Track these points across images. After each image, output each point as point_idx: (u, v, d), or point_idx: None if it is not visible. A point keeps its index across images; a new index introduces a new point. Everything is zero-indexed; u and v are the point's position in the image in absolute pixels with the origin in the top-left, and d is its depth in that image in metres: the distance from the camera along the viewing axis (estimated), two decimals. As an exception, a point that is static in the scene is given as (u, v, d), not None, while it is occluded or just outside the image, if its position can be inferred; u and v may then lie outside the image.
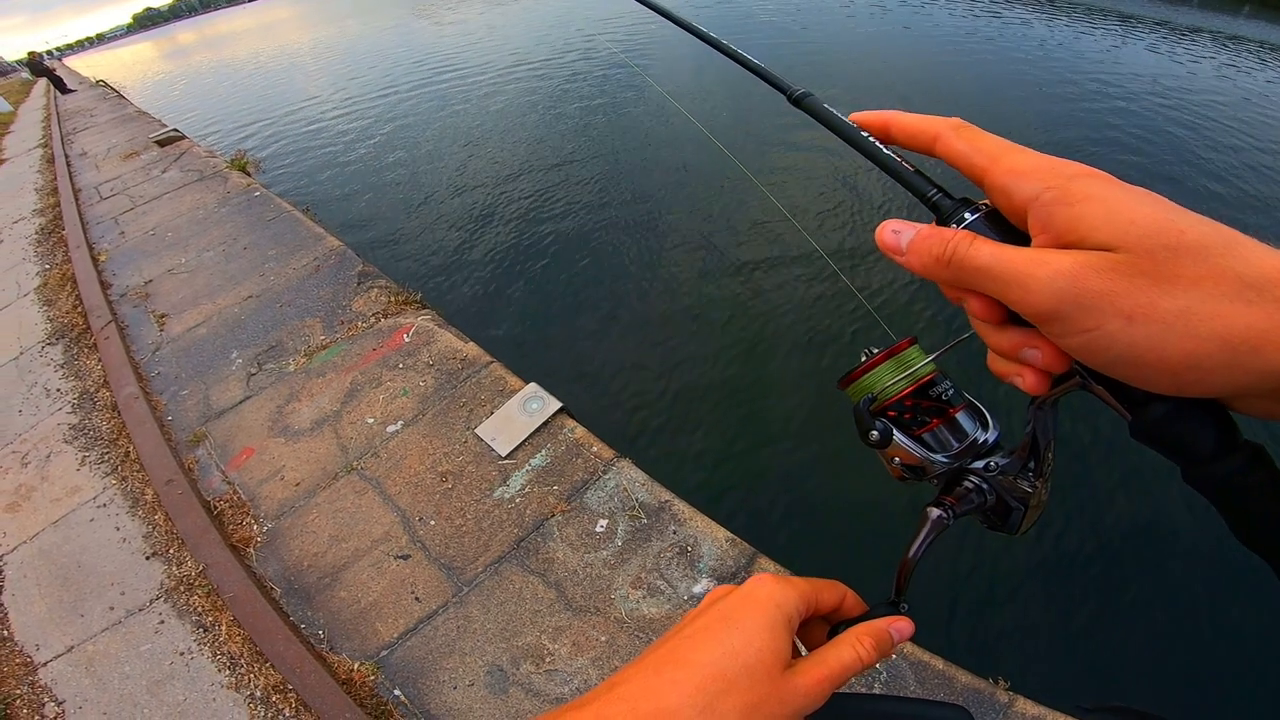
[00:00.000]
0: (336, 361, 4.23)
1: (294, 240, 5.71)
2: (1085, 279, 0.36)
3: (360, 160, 9.06)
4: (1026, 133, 9.00)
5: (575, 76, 11.98)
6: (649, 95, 10.98)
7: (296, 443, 3.75)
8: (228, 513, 3.38)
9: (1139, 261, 0.35)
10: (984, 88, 11.03)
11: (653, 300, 6.03)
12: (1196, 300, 0.33)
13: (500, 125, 9.83)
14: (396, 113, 10.73)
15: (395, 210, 7.78)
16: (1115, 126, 9.04)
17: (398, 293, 4.70)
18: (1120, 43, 13.72)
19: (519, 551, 3.03)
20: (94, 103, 16.48)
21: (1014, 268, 0.39)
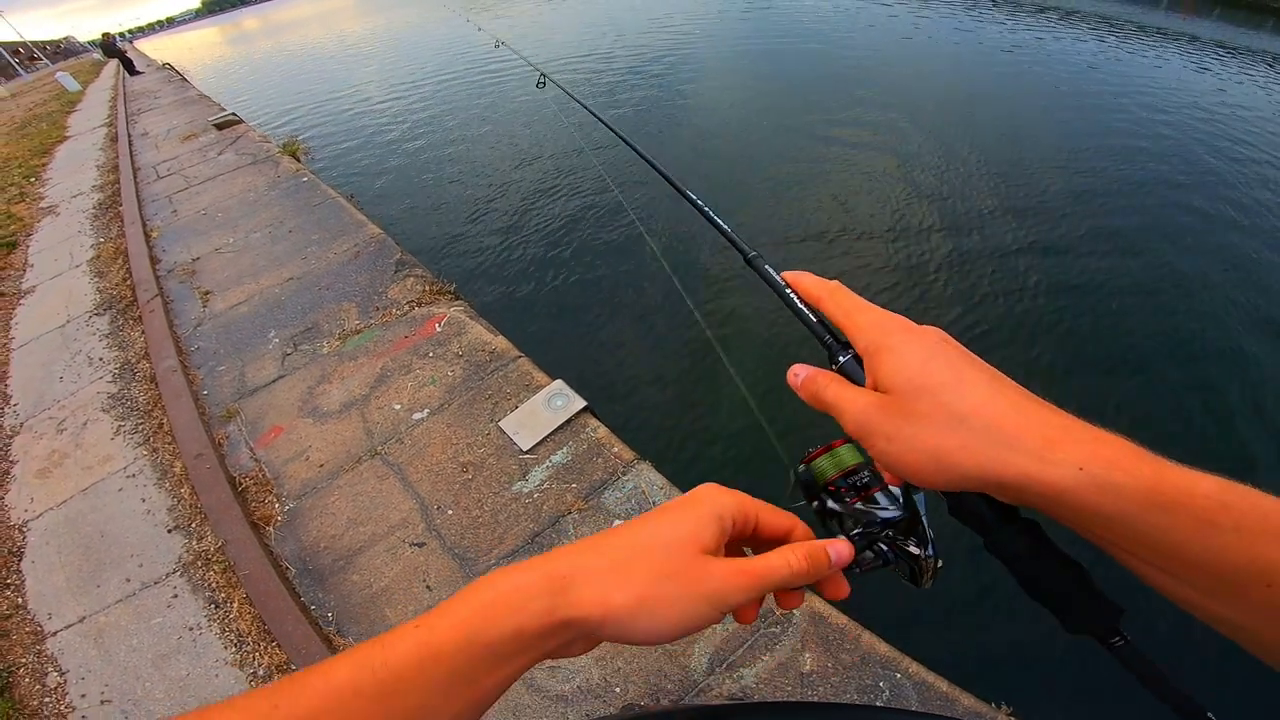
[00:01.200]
0: (369, 346, 4.26)
1: (337, 226, 5.78)
2: (868, 413, 0.54)
3: (406, 151, 9.15)
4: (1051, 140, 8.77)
5: (628, 78, 12.00)
6: (704, 101, 10.95)
7: (324, 424, 3.78)
8: (252, 490, 3.41)
9: (898, 401, 0.52)
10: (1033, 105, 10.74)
11: (686, 312, 5.98)
12: (921, 428, 0.50)
13: (548, 125, 9.85)
14: (444, 106, 10.81)
15: (436, 202, 7.84)
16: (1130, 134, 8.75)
17: (432, 283, 4.72)
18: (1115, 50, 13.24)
19: (533, 546, 3.01)
20: (159, 85, 16.92)
21: (840, 403, 0.56)
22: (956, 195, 7.66)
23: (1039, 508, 0.48)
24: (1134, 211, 7.26)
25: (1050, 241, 6.68)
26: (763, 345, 5.47)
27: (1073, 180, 7.90)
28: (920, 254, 6.55)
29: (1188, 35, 16.42)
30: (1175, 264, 6.34)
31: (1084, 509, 0.44)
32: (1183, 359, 5.24)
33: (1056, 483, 0.44)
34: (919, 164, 8.52)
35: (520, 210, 7.64)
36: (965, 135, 9.19)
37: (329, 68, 13.64)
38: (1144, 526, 0.43)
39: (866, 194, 7.85)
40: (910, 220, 7.14)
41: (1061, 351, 5.37)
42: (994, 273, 6.24)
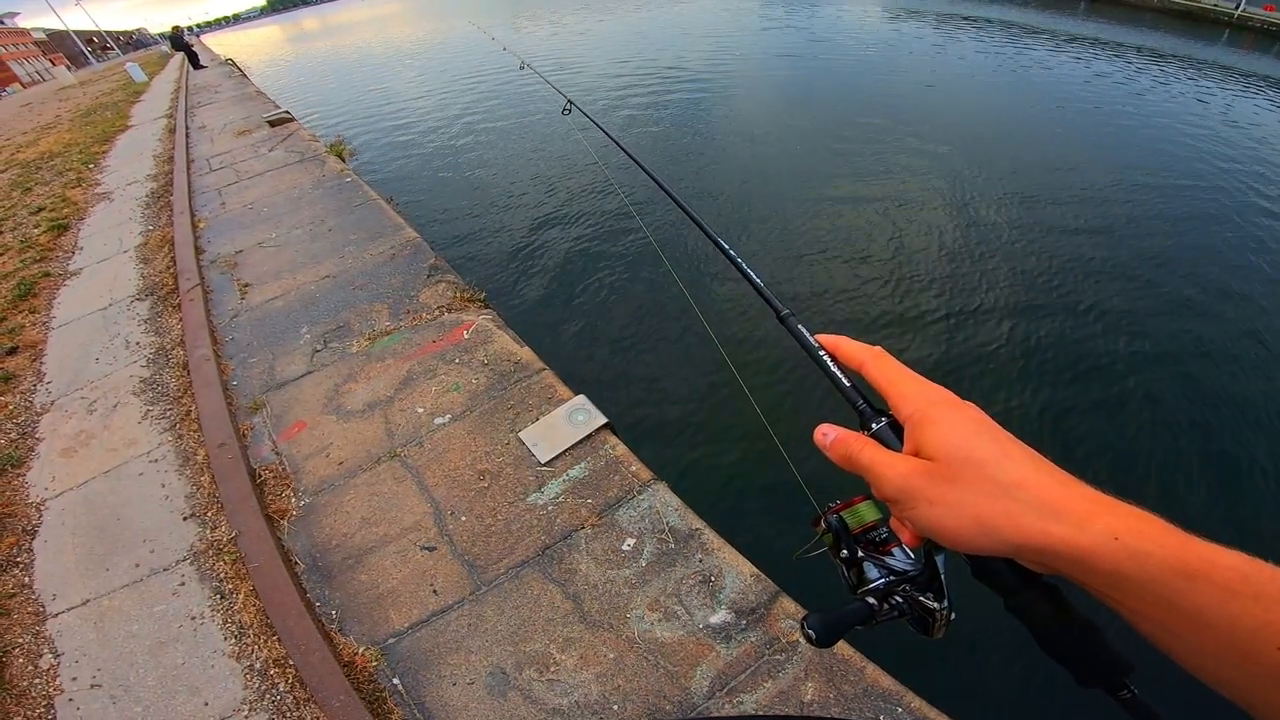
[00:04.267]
0: (397, 349, 4.29)
1: (375, 227, 5.86)
2: (909, 478, 0.57)
3: (448, 157, 9.27)
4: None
5: (687, 96, 12.06)
6: (757, 131, 10.99)
7: (347, 423, 3.80)
8: (270, 482, 3.44)
9: (943, 469, 0.55)
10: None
11: (710, 343, 5.96)
12: (968, 495, 0.54)
13: (576, 151, 9.91)
14: (488, 115, 10.92)
15: (474, 210, 7.92)
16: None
17: (463, 289, 4.75)
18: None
19: (543, 559, 2.99)
20: (220, 80, 17.38)
21: (877, 468, 0.59)
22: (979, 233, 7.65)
23: (1071, 574, 0.51)
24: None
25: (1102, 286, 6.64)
26: (787, 383, 5.43)
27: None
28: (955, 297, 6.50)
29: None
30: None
31: (1116, 574, 0.48)
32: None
33: (1093, 549, 0.49)
34: (948, 199, 8.52)
35: (551, 231, 7.69)
36: (1002, 166, 9.25)
37: (377, 73, 13.86)
38: (1168, 592, 0.46)
39: (889, 228, 7.87)
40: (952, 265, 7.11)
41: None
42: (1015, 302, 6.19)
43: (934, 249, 7.50)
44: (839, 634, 0.62)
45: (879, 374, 0.64)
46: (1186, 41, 21.64)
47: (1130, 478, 4.66)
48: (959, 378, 5.54)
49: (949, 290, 6.67)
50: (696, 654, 2.73)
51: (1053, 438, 5.00)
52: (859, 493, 0.69)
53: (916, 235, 7.84)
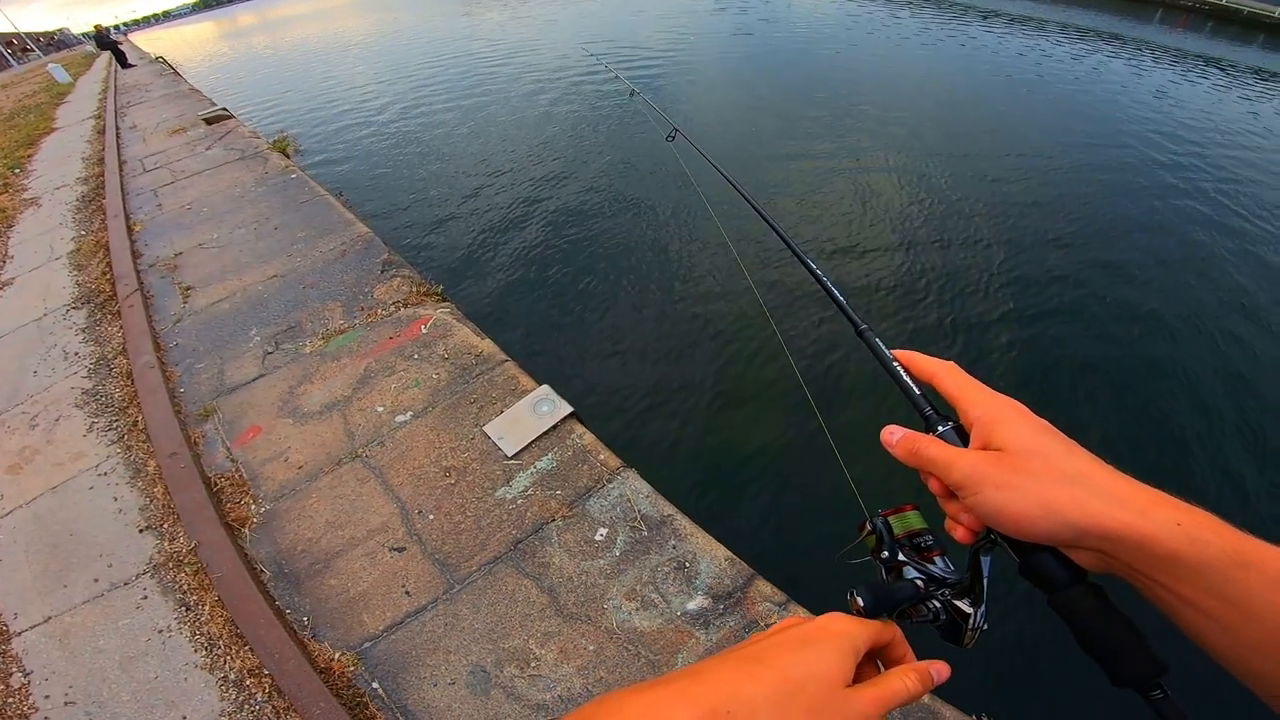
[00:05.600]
0: (353, 347, 4.19)
1: (324, 224, 5.71)
2: (979, 465, 0.61)
3: (397, 151, 9.08)
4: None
5: (621, 89, 12.02)
6: (692, 127, 11.03)
7: (304, 425, 3.71)
8: (227, 490, 3.34)
9: (1012, 458, 0.59)
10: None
11: (674, 319, 6.00)
12: (1035, 481, 0.57)
13: (540, 130, 9.81)
14: (437, 108, 10.74)
15: (426, 203, 7.77)
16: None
17: (419, 284, 4.66)
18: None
19: (516, 553, 2.96)
20: (150, 78, 16.78)
21: (948, 458, 0.63)
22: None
23: (1130, 559, 0.54)
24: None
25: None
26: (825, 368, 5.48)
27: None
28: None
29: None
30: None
31: (1175, 558, 0.51)
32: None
33: (1156, 533, 0.52)
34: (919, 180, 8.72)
35: (506, 220, 7.59)
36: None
37: (322, 66, 13.51)
38: (1219, 580, 0.50)
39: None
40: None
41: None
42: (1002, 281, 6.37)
43: (883, 211, 7.92)
44: (886, 608, 0.63)
45: (951, 384, 0.69)
46: (1123, 21, 22.30)
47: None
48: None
49: (896, 253, 7.02)
50: (676, 641, 2.73)
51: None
52: (908, 501, 0.73)
53: (868, 197, 8.23)
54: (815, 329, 5.62)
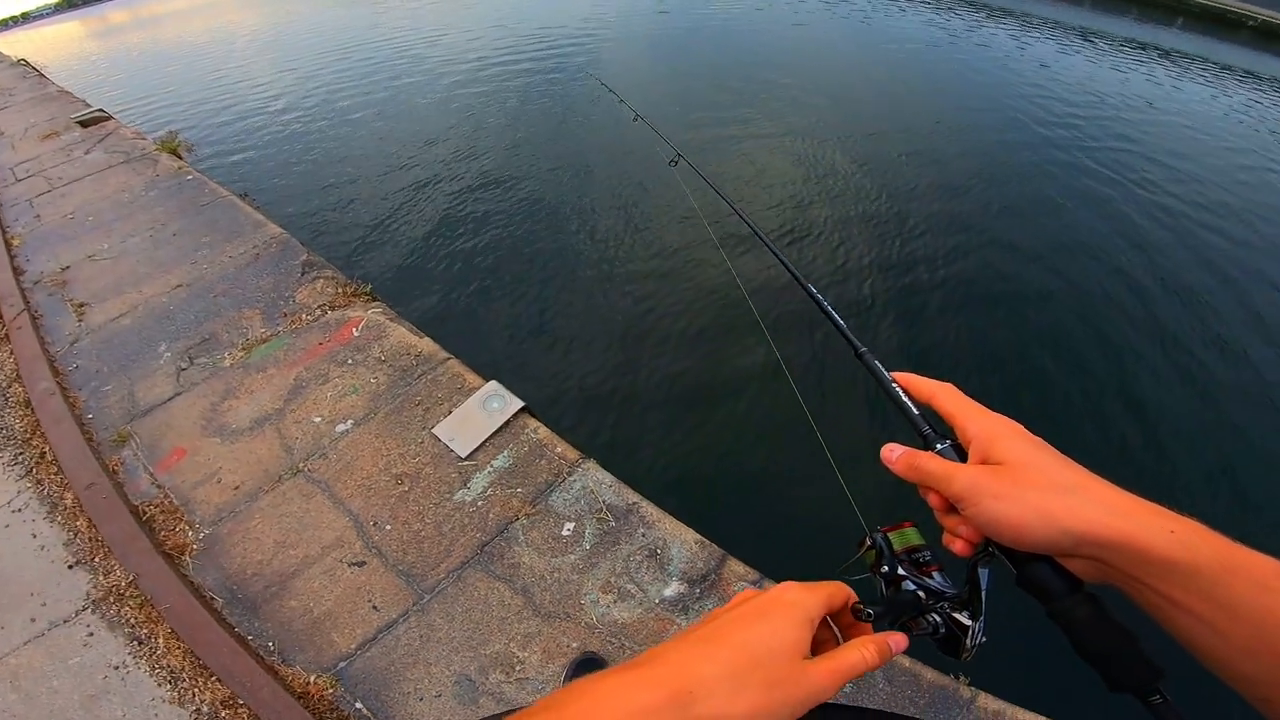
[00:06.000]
0: (279, 356, 4.09)
1: (230, 227, 5.50)
2: (978, 477, 0.65)
3: (304, 146, 8.74)
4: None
5: (530, 68, 11.94)
6: (608, 96, 11.14)
7: (234, 443, 3.61)
8: (159, 518, 3.22)
9: (1010, 471, 0.64)
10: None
11: (617, 297, 6.09)
12: (1033, 492, 0.62)
13: (458, 116, 9.65)
14: (344, 100, 10.37)
15: (343, 199, 7.50)
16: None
17: (345, 284, 4.56)
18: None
19: (483, 556, 2.98)
20: (13, 82, 15.65)
21: (947, 472, 0.68)
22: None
23: (1124, 565, 0.59)
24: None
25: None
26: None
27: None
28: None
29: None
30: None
31: (1168, 563, 0.56)
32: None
33: (1151, 540, 0.57)
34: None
35: (430, 211, 7.41)
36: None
37: (209, 62, 12.85)
38: (1209, 584, 0.54)
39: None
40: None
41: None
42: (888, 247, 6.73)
43: (790, 178, 8.43)
44: (890, 619, 0.68)
45: (949, 404, 0.74)
46: None
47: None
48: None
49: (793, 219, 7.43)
50: (658, 630, 2.81)
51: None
52: (907, 518, 0.77)
53: (772, 166, 8.68)
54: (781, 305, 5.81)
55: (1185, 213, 8.35)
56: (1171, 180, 9.24)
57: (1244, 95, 14.65)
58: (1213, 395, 5.46)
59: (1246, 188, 9.55)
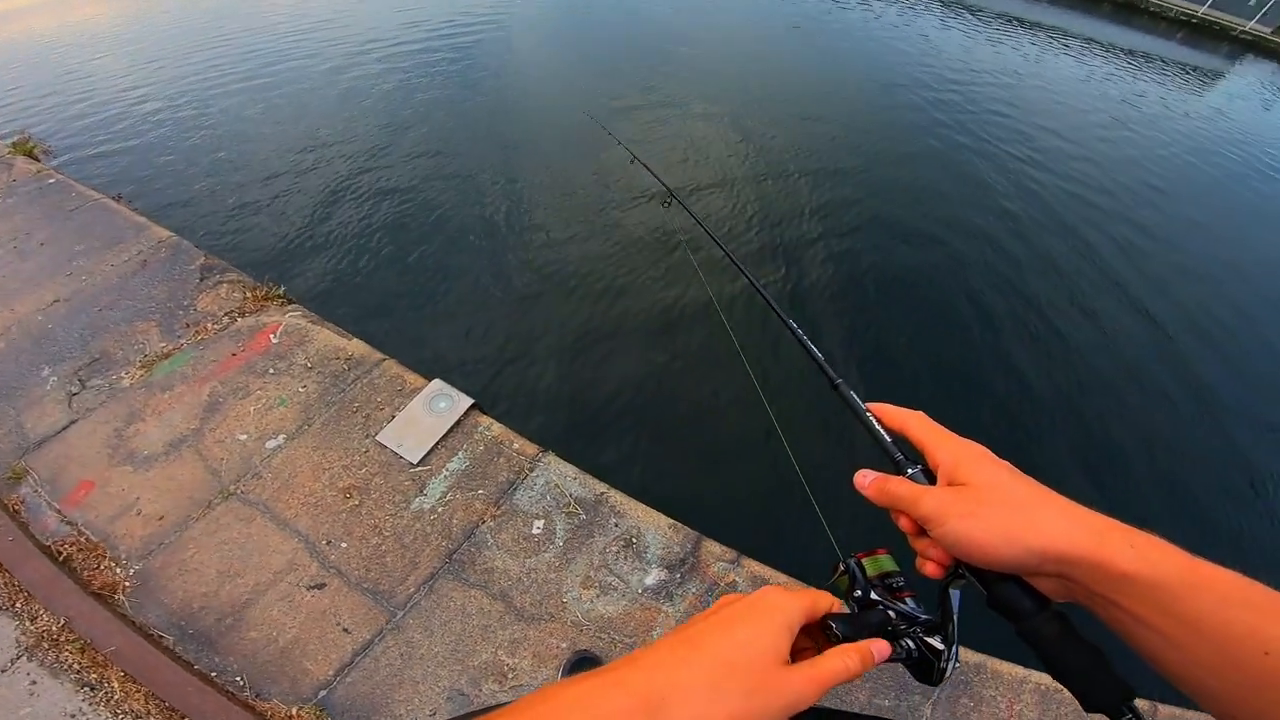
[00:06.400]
0: (186, 371, 3.86)
1: (108, 233, 5.11)
2: (945, 498, 0.70)
3: (182, 141, 8.12)
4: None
5: (434, 48, 11.75)
6: (516, 67, 11.36)
7: (149, 470, 3.40)
8: (77, 557, 3.01)
9: (975, 491, 0.69)
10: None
11: (554, 275, 6.19)
12: (997, 511, 0.66)
13: (349, 102, 9.29)
14: (222, 90, 9.65)
15: (237, 194, 7.03)
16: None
17: (254, 287, 4.33)
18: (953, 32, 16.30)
19: (453, 565, 2.93)
20: None
21: (915, 494, 0.73)
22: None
23: (1087, 580, 0.62)
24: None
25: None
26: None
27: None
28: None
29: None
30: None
31: (1128, 577, 0.59)
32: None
33: (1111, 555, 0.60)
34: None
35: (340, 198, 7.07)
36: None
37: (62, 58, 11.84)
38: (1170, 598, 0.57)
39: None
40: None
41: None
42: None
43: (708, 151, 9.05)
44: (860, 635, 0.70)
45: (920, 431, 0.79)
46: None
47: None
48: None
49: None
50: (646, 620, 2.84)
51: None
52: (880, 545, 0.81)
53: (690, 140, 9.29)
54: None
55: (1050, 179, 9.86)
56: (1038, 146, 10.88)
57: (1103, 65, 16.91)
58: (1078, 344, 6.52)
59: (1106, 146, 11.65)
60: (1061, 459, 5.26)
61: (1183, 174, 11.66)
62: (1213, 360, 6.73)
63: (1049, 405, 5.70)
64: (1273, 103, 20.88)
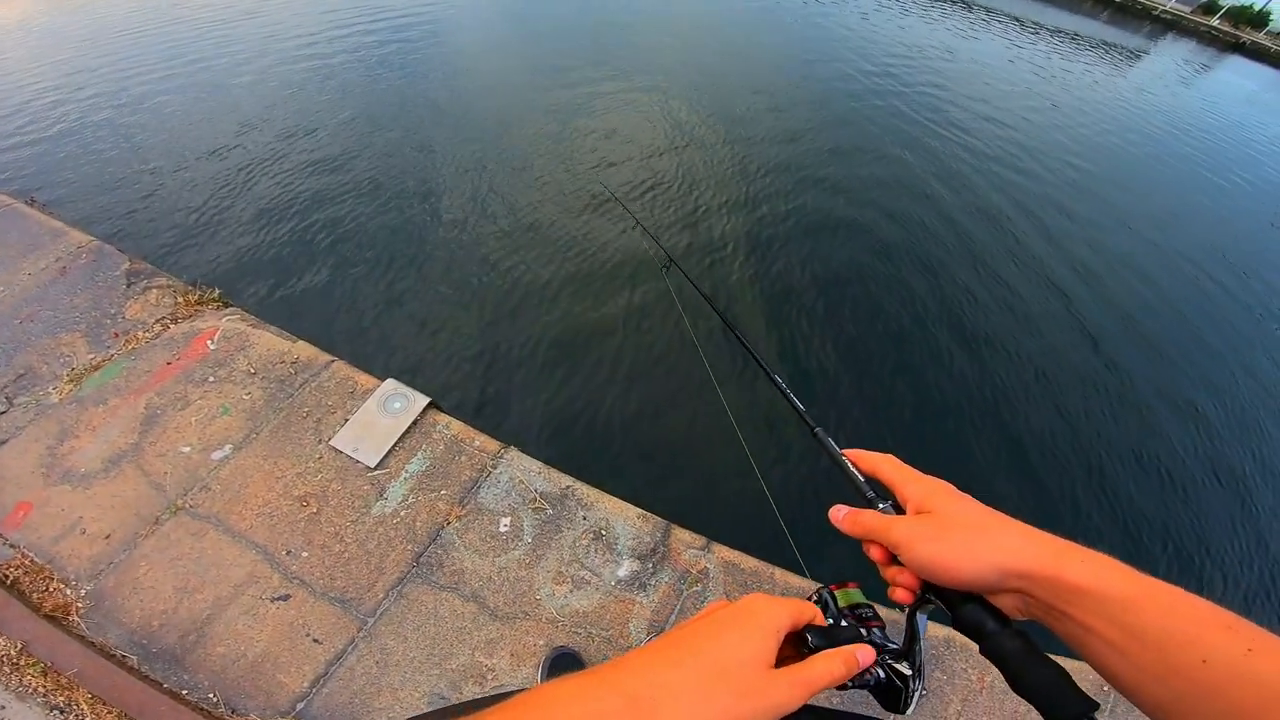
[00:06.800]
0: (118, 383, 3.83)
1: (20, 240, 4.97)
2: (913, 525, 0.80)
3: (104, 138, 7.84)
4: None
5: (366, 30, 11.66)
6: (455, 50, 11.51)
7: (89, 488, 3.38)
8: (24, 580, 2.99)
9: (939, 518, 0.80)
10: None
11: (508, 266, 6.28)
12: (960, 533, 0.77)
13: (276, 94, 9.05)
14: (140, 80, 9.39)
15: (161, 194, 6.77)
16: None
17: (186, 291, 4.28)
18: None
19: (421, 568, 3.00)
20: None
21: (887, 522, 0.84)
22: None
23: (1043, 595, 0.71)
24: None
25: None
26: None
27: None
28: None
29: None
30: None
31: (1080, 590, 0.68)
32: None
33: (1064, 569, 0.69)
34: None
35: (270, 189, 6.94)
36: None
37: None
38: (1118, 610, 0.65)
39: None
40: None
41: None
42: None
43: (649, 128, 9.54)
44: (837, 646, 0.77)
45: (890, 471, 0.90)
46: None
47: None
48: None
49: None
50: (621, 612, 2.95)
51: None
52: (852, 579, 0.89)
53: (631, 119, 9.71)
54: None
55: (984, 150, 11.02)
56: (972, 121, 12.13)
57: (1029, 43, 18.46)
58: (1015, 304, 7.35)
59: (1031, 122, 12.93)
60: (983, 441, 5.61)
61: (1107, 152, 13.01)
62: (1125, 335, 7.44)
63: (968, 385, 6.09)
64: (1191, 80, 22.66)
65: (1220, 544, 5.20)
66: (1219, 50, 40.46)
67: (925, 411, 5.62)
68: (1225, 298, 8.76)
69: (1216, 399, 6.73)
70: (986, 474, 5.20)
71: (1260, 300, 8.96)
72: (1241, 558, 5.12)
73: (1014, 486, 5.16)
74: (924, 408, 5.65)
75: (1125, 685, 0.65)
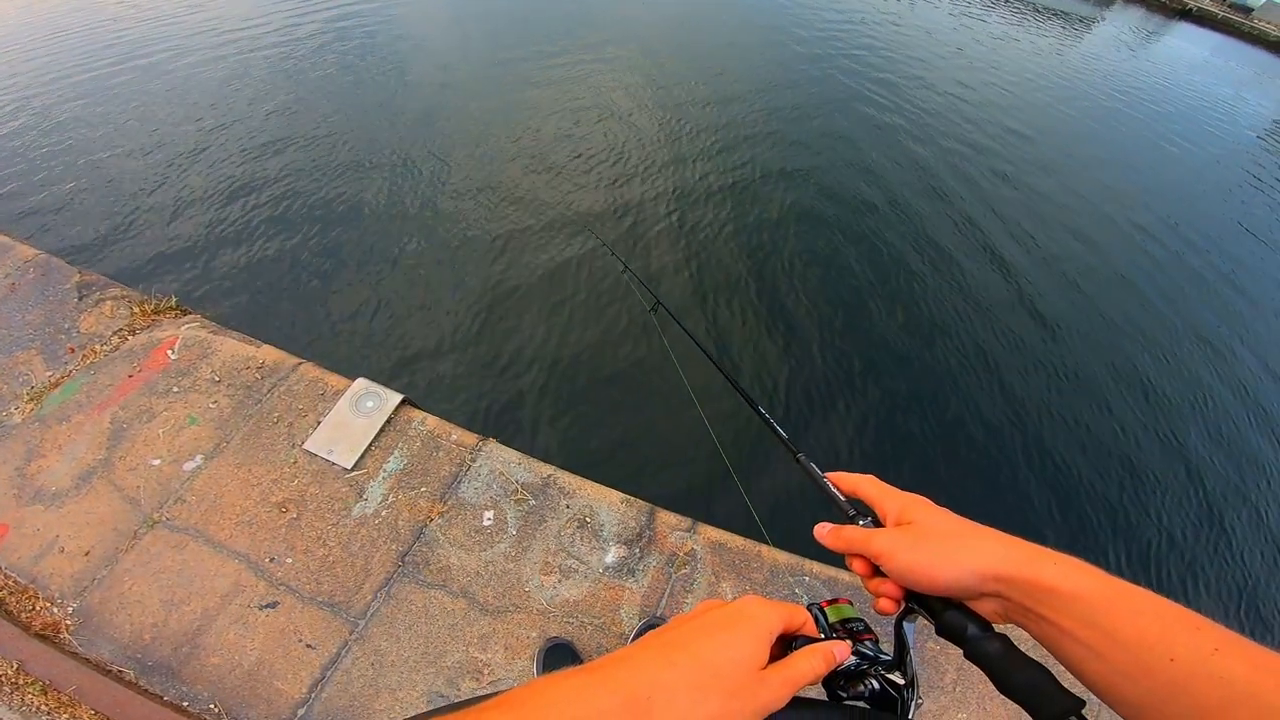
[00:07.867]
0: (80, 400, 4.09)
1: None
2: (894, 535, 0.91)
3: (42, 144, 7.98)
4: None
5: (321, 30, 11.84)
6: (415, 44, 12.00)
7: (62, 507, 3.66)
8: (10, 600, 3.29)
9: (918, 528, 0.90)
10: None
11: (463, 256, 6.62)
12: (938, 541, 0.86)
13: (215, 90, 9.23)
14: (78, 82, 9.40)
15: (107, 202, 6.89)
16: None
17: (141, 301, 4.55)
18: None
19: (407, 567, 3.27)
20: None
21: (867, 536, 0.94)
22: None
23: (1020, 598, 0.79)
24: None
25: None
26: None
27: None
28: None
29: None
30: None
31: (1055, 592, 0.75)
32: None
33: (1039, 572, 0.77)
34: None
35: (218, 186, 7.31)
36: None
37: None
38: (1090, 610, 0.73)
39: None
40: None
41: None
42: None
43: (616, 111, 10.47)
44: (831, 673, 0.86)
45: (871, 490, 1.00)
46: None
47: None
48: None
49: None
50: (612, 599, 3.25)
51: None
52: (842, 595, 1.04)
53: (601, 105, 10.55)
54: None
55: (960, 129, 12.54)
56: (954, 99, 13.96)
57: (980, 12, 20.31)
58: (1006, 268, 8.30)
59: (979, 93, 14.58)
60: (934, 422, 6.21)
61: (1054, 118, 14.73)
62: (1071, 306, 8.17)
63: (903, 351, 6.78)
64: (1138, 47, 24.57)
65: (1171, 517, 5.75)
66: (1166, 17, 45.35)
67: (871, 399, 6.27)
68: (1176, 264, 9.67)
69: (1161, 367, 7.42)
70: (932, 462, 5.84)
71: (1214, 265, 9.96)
72: (1193, 532, 5.72)
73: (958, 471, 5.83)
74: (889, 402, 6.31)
75: (1098, 685, 0.73)
